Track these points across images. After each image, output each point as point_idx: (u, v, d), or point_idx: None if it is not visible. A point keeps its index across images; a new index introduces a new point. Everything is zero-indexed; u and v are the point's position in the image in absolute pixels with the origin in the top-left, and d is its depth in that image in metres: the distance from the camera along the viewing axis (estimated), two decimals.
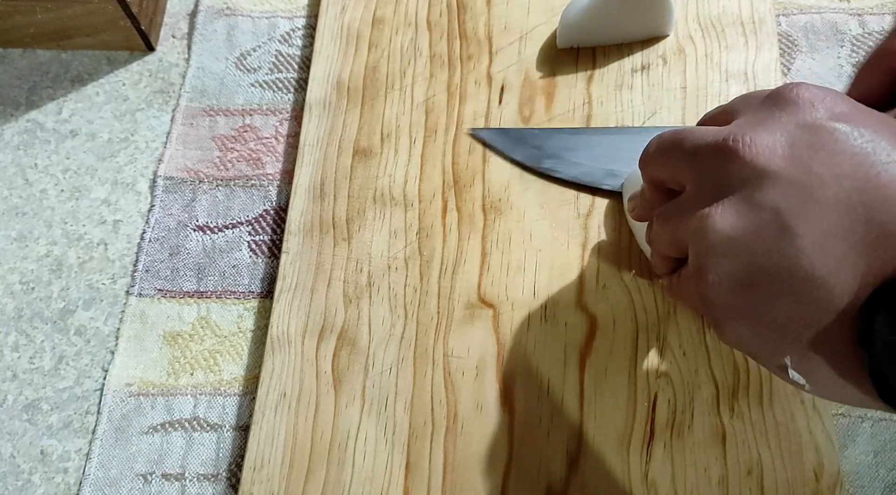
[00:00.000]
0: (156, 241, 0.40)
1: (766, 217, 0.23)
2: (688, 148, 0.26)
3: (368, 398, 0.34)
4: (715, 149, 0.24)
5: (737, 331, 0.25)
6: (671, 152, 0.27)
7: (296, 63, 0.45)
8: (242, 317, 0.38)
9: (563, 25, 0.41)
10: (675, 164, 0.27)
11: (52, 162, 0.43)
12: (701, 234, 0.24)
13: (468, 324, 0.36)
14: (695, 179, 0.26)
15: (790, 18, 0.44)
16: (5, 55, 0.46)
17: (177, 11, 0.47)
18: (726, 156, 0.24)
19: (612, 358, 0.34)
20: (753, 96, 0.26)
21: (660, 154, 0.28)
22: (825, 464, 0.32)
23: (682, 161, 0.26)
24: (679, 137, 0.26)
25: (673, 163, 0.27)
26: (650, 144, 0.28)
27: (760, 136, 0.24)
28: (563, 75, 0.41)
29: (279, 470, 0.33)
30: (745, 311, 0.24)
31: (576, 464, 0.33)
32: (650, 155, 0.28)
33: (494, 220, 0.38)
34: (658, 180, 0.29)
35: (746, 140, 0.24)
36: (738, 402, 0.33)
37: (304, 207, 0.39)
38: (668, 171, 0.27)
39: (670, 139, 0.27)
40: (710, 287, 0.24)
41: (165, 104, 0.45)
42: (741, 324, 0.25)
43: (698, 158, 0.25)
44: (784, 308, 0.23)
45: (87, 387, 0.38)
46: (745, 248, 0.23)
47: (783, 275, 0.23)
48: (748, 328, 0.24)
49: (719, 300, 0.24)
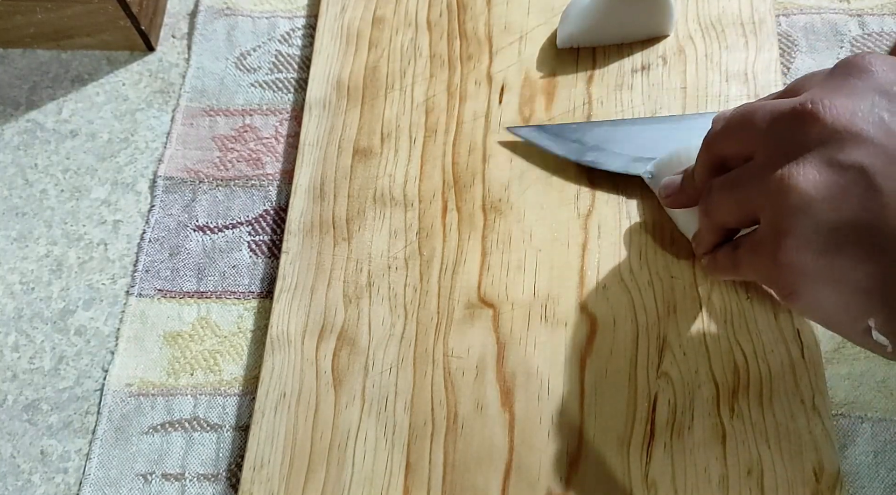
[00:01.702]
0: (156, 241, 0.40)
1: (851, 176, 0.23)
2: (761, 118, 0.26)
3: (368, 398, 0.34)
4: (793, 115, 0.24)
5: (817, 296, 0.24)
6: (742, 126, 0.27)
7: (296, 63, 0.45)
8: (242, 317, 0.38)
9: (563, 25, 0.41)
10: (747, 136, 0.26)
11: (52, 162, 0.43)
12: (782, 194, 0.24)
13: (468, 324, 0.36)
14: (768, 146, 0.25)
15: (790, 18, 0.44)
16: (5, 55, 0.46)
17: (177, 11, 0.47)
18: (806, 120, 0.24)
19: (612, 358, 0.34)
20: (817, 73, 0.26)
21: (730, 129, 0.27)
22: (825, 464, 0.32)
23: (754, 131, 0.26)
24: (750, 110, 0.26)
25: (744, 136, 0.27)
26: (716, 122, 0.28)
27: (840, 100, 0.24)
28: (563, 75, 0.41)
29: (279, 470, 0.33)
30: (829, 273, 0.24)
31: (576, 464, 0.33)
32: (719, 132, 0.28)
33: (494, 220, 0.38)
34: (721, 157, 0.28)
35: (826, 103, 0.24)
36: (738, 402, 0.33)
37: (304, 207, 0.39)
38: (738, 145, 0.27)
39: (740, 114, 0.27)
40: (790, 249, 0.24)
41: (165, 104, 0.45)
42: (823, 287, 0.24)
43: (774, 125, 0.25)
44: (871, 267, 0.23)
45: (87, 387, 0.38)
46: (831, 207, 0.23)
47: (871, 233, 0.23)
48: (831, 291, 0.24)
49: (800, 263, 0.24)
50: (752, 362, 0.34)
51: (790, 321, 0.35)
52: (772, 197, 0.24)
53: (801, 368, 0.34)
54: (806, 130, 0.24)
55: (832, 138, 0.23)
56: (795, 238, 0.24)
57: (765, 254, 0.25)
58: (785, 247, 0.24)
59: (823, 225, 0.23)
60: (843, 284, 0.24)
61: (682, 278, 0.36)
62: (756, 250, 0.26)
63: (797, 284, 0.25)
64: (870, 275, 0.23)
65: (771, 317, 0.35)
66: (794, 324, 0.34)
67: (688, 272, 0.36)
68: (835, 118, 0.23)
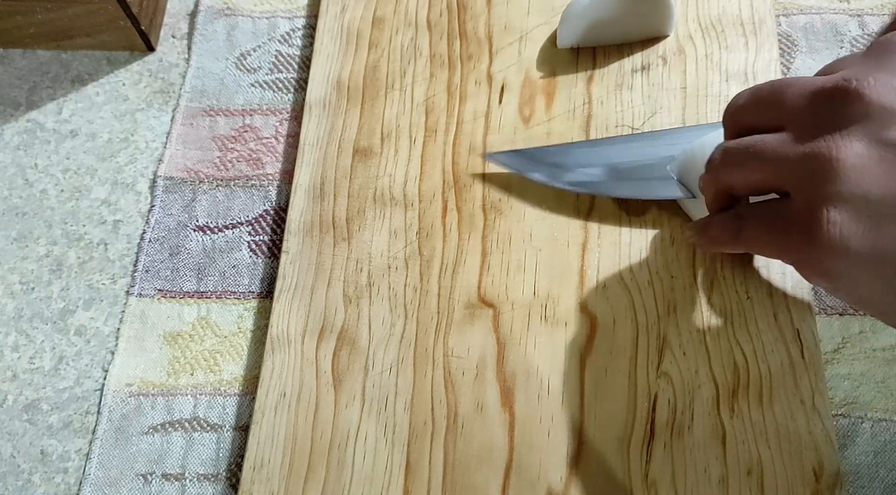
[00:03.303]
0: (156, 241, 0.40)
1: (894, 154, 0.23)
2: (796, 93, 0.25)
3: (368, 398, 0.34)
4: (834, 92, 0.24)
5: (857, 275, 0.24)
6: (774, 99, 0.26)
7: (296, 63, 0.45)
8: (242, 317, 0.38)
9: (563, 25, 0.41)
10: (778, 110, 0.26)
11: (52, 162, 0.43)
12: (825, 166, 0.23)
13: (468, 324, 0.36)
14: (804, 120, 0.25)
15: (790, 19, 0.44)
16: (5, 55, 0.46)
17: (177, 11, 0.47)
18: (849, 97, 0.23)
19: (612, 358, 0.35)
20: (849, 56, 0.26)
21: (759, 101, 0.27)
22: (825, 464, 0.32)
23: (787, 106, 0.25)
24: (782, 85, 0.26)
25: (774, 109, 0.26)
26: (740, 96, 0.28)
27: (883, 77, 0.23)
28: (563, 75, 0.41)
29: (279, 470, 0.33)
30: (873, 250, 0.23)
31: (576, 464, 0.33)
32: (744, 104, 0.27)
33: (494, 220, 0.38)
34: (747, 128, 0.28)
35: (869, 80, 0.23)
36: (738, 402, 0.33)
37: (304, 207, 0.39)
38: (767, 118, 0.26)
39: (771, 86, 0.26)
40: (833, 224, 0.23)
41: (165, 104, 0.45)
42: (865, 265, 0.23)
43: (813, 101, 0.24)
44: None
45: (87, 387, 0.38)
46: (878, 183, 0.23)
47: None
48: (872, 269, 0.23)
49: (842, 238, 0.23)
50: (752, 362, 0.34)
51: (790, 321, 0.35)
52: (812, 168, 0.24)
53: (801, 368, 0.34)
54: (849, 107, 0.23)
55: (877, 115, 0.23)
56: (839, 211, 0.23)
57: (798, 231, 0.25)
58: (827, 221, 0.23)
59: (871, 199, 0.23)
60: (887, 262, 0.23)
61: (682, 278, 0.36)
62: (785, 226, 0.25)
63: (837, 262, 0.24)
64: None
65: (771, 317, 0.35)
66: (793, 324, 0.34)
67: (688, 272, 0.36)
68: (880, 95, 0.23)
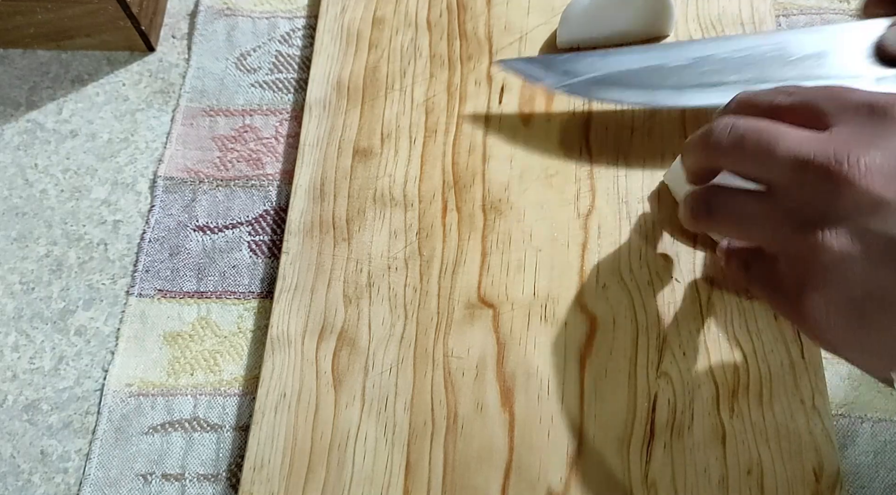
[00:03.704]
0: (156, 241, 0.40)
1: (881, 246, 0.23)
2: (785, 157, 0.24)
3: (368, 398, 0.34)
4: (824, 173, 0.23)
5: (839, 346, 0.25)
6: (759, 152, 0.25)
7: (296, 63, 0.45)
8: (242, 317, 0.38)
9: (563, 25, 0.41)
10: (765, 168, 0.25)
11: (52, 162, 0.43)
12: (812, 254, 0.24)
13: (468, 324, 0.36)
14: (792, 192, 0.24)
15: (790, 19, 0.44)
16: (5, 55, 0.46)
17: (177, 11, 0.47)
18: (839, 182, 0.23)
19: (612, 358, 0.35)
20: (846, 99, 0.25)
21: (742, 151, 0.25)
22: (825, 464, 0.32)
23: (775, 164, 0.24)
24: (773, 139, 0.24)
25: (758, 165, 0.25)
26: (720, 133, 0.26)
27: (874, 161, 0.22)
28: None
29: (279, 470, 0.33)
30: (854, 335, 0.24)
31: (576, 464, 0.33)
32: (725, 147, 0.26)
33: (494, 220, 0.38)
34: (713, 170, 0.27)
35: (861, 166, 0.22)
36: (738, 402, 0.33)
37: (304, 207, 0.39)
38: (750, 170, 0.26)
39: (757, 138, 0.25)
40: (815, 307, 0.24)
41: (165, 104, 0.45)
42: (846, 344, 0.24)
43: (802, 172, 0.24)
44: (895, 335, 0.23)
45: (87, 388, 0.38)
46: (862, 277, 0.23)
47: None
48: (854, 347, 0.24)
49: (824, 321, 0.24)
50: (752, 362, 0.34)
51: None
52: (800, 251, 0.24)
53: (800, 368, 0.34)
54: (838, 193, 0.23)
55: (865, 205, 0.23)
56: (822, 298, 0.24)
57: (786, 296, 0.25)
58: (810, 302, 0.24)
59: (850, 292, 0.23)
60: (866, 345, 0.24)
61: (682, 278, 0.36)
62: (775, 287, 0.26)
63: (818, 331, 0.25)
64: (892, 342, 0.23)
65: (771, 317, 0.35)
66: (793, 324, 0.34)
67: (688, 272, 0.36)
68: (869, 185, 0.22)
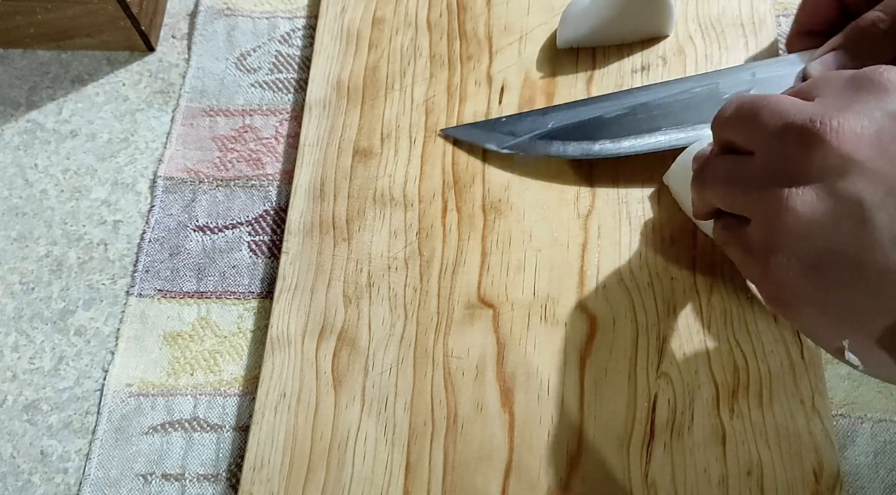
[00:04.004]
0: (156, 242, 0.40)
1: (847, 207, 0.23)
2: (768, 118, 0.25)
3: (368, 398, 0.34)
4: (799, 131, 0.24)
5: (799, 309, 0.25)
6: (749, 120, 0.26)
7: (296, 63, 0.45)
8: (242, 317, 0.38)
9: (563, 25, 0.41)
10: (751, 133, 0.26)
11: (52, 162, 0.43)
12: (778, 213, 0.24)
13: (468, 324, 0.36)
14: (770, 154, 0.25)
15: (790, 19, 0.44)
16: (5, 55, 0.46)
17: (177, 11, 0.47)
18: (811, 141, 0.24)
19: (612, 358, 0.35)
20: (835, 77, 0.26)
21: (737, 119, 0.27)
22: (825, 465, 0.32)
23: (759, 131, 0.26)
24: (759, 106, 0.26)
25: (748, 132, 0.26)
26: (727, 107, 0.28)
27: (848, 122, 0.23)
28: (563, 75, 0.41)
29: (279, 470, 0.33)
30: (812, 295, 0.24)
31: (576, 464, 0.33)
32: (726, 118, 0.28)
33: (494, 220, 0.38)
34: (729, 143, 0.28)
35: (833, 124, 0.23)
36: (738, 402, 0.33)
37: (304, 207, 0.39)
38: (742, 139, 0.27)
39: (749, 105, 0.27)
40: (779, 265, 0.24)
41: (165, 104, 0.45)
42: (804, 304, 0.25)
43: (779, 135, 0.25)
44: (853, 297, 0.23)
45: (87, 388, 0.38)
46: (823, 236, 0.23)
47: (858, 265, 0.23)
48: (811, 309, 0.25)
49: (786, 280, 0.24)
50: (751, 362, 0.34)
51: None
52: (767, 211, 0.25)
53: (800, 368, 0.34)
54: (810, 151, 0.24)
55: (835, 164, 0.23)
56: (785, 256, 0.24)
57: (754, 258, 0.26)
58: (774, 262, 0.25)
59: (813, 251, 0.24)
60: (824, 307, 0.24)
61: (682, 278, 0.36)
62: (747, 250, 0.27)
63: (781, 294, 0.25)
64: (850, 303, 0.24)
65: (771, 317, 0.35)
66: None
67: (688, 273, 0.36)
68: (840, 144, 0.23)
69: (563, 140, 0.38)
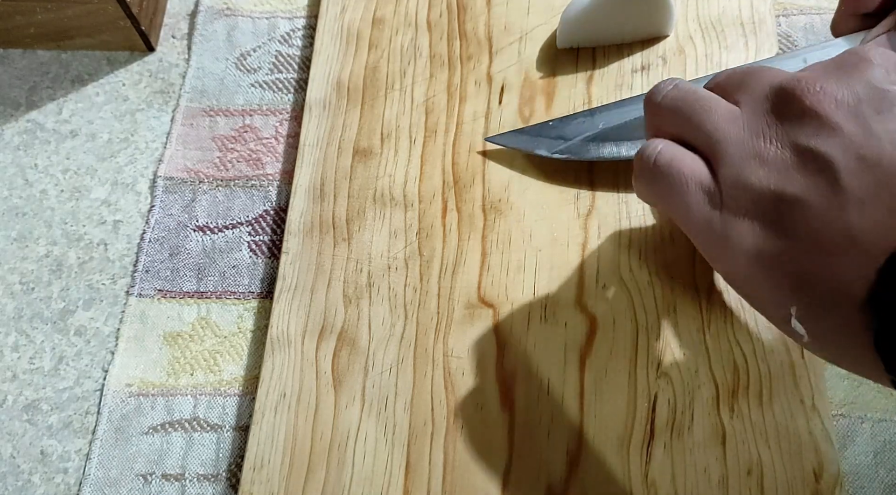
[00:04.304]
0: (156, 242, 0.40)
1: (817, 165, 0.23)
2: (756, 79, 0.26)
3: (368, 398, 0.34)
4: (782, 88, 0.25)
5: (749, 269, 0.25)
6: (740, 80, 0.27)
7: (296, 63, 0.45)
8: (242, 317, 0.38)
9: (563, 25, 0.41)
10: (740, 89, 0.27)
11: (52, 162, 0.43)
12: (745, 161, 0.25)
13: (468, 324, 0.36)
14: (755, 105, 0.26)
15: (790, 19, 0.44)
16: (5, 55, 0.46)
17: (177, 12, 0.47)
18: (792, 97, 0.24)
19: (612, 358, 0.35)
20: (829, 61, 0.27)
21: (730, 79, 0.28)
22: (825, 464, 0.32)
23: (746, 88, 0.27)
24: (752, 69, 0.27)
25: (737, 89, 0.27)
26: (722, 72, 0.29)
27: (829, 86, 0.24)
28: (563, 75, 0.41)
29: (279, 470, 0.33)
30: (765, 248, 0.24)
31: (576, 464, 0.33)
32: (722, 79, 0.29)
33: (494, 220, 0.38)
34: None
35: (816, 87, 0.24)
36: (738, 402, 0.33)
37: (304, 207, 0.39)
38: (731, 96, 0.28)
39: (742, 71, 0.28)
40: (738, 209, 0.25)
41: (165, 104, 0.45)
42: (757, 262, 0.24)
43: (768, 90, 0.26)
44: (807, 257, 0.23)
45: (87, 388, 0.38)
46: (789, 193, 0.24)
47: (817, 224, 0.23)
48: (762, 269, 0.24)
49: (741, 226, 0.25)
50: (752, 362, 0.34)
51: None
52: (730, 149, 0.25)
53: (800, 368, 0.34)
54: (787, 106, 0.25)
55: (809, 122, 0.24)
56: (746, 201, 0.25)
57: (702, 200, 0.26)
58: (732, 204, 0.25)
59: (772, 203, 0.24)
60: (776, 264, 0.24)
61: (682, 278, 0.36)
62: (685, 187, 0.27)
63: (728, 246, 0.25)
64: (803, 264, 0.23)
65: None
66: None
67: (687, 272, 0.36)
68: (817, 104, 0.24)
69: (616, 141, 0.37)
